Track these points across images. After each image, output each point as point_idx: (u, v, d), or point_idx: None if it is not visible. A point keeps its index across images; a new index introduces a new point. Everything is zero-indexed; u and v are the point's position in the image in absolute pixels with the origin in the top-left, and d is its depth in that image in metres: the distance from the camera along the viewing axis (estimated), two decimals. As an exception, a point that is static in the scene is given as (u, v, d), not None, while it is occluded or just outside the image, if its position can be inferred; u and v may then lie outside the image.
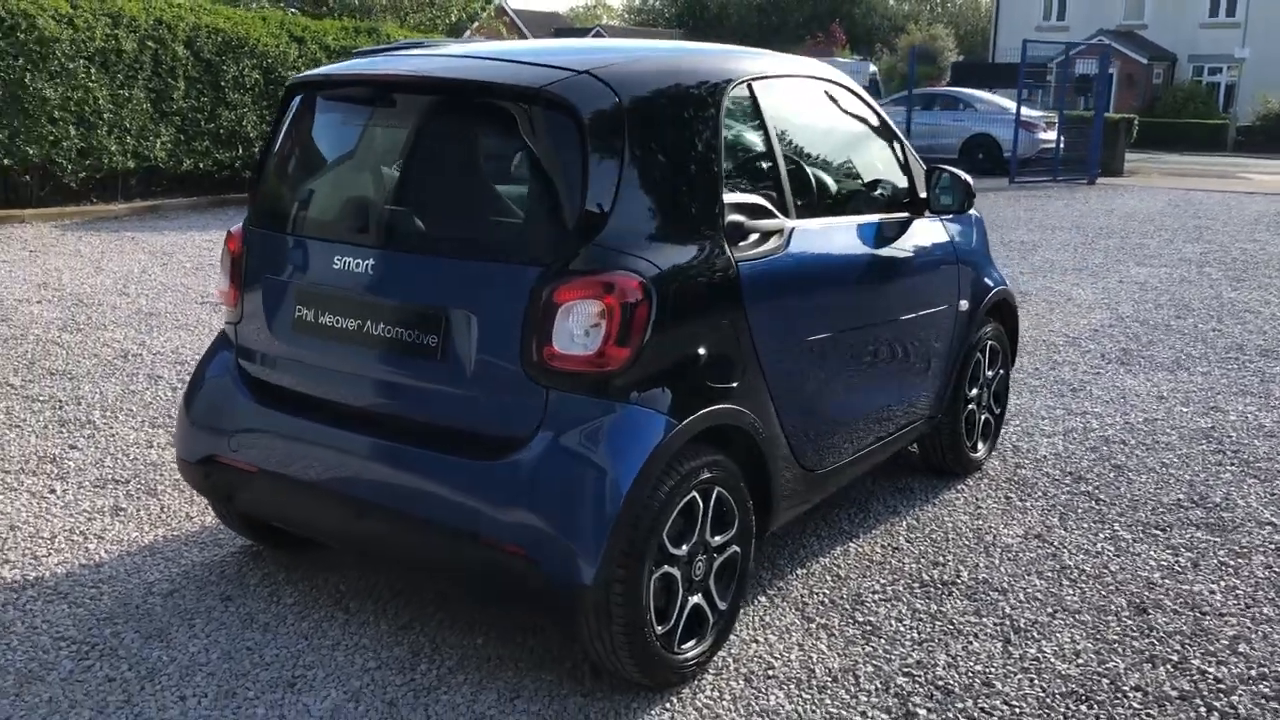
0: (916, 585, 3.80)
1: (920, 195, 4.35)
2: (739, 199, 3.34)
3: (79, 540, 3.96)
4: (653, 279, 2.96)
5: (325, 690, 3.07)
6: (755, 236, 3.36)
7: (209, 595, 3.59)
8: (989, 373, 4.91)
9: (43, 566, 3.75)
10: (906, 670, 3.26)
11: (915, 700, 3.11)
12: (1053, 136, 20.96)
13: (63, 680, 3.09)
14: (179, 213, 12.65)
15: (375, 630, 3.39)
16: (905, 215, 4.27)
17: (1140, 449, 5.28)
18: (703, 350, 3.12)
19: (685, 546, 3.07)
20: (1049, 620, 3.58)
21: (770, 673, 3.23)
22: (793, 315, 3.51)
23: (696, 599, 3.15)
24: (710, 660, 3.23)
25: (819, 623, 3.53)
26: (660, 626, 3.02)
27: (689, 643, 3.14)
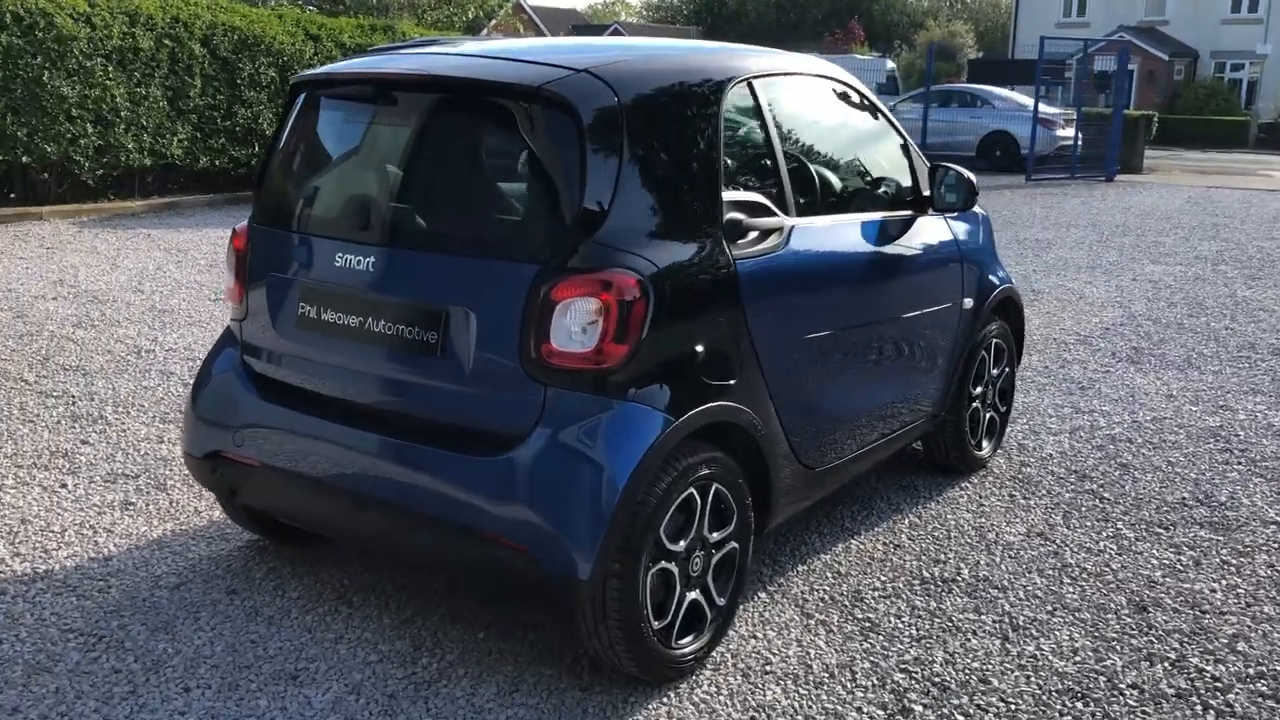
0: (917, 582, 3.81)
1: (924, 193, 4.34)
2: (738, 197, 3.35)
3: (88, 534, 4.01)
4: (650, 277, 2.98)
5: (327, 683, 3.11)
6: (754, 234, 3.38)
7: (215, 589, 3.64)
8: (994, 371, 4.90)
9: (52, 559, 3.81)
10: (904, 666, 3.27)
11: (911, 696, 3.12)
12: (1071, 134, 20.81)
13: (70, 671, 3.14)
14: (195, 209, 12.76)
15: (378, 624, 3.43)
16: (908, 213, 4.27)
17: (1147, 447, 5.27)
18: (700, 348, 3.14)
19: (683, 542, 3.09)
20: (1048, 618, 3.58)
21: (768, 668, 3.25)
22: (792, 313, 3.52)
23: (694, 595, 3.17)
24: (708, 656, 3.25)
25: (818, 619, 3.54)
26: (657, 622, 3.04)
27: (686, 638, 3.16)
